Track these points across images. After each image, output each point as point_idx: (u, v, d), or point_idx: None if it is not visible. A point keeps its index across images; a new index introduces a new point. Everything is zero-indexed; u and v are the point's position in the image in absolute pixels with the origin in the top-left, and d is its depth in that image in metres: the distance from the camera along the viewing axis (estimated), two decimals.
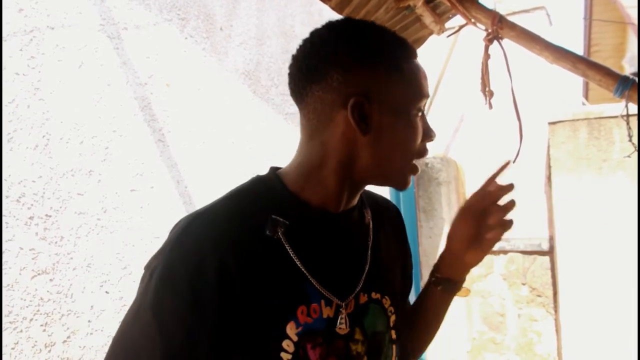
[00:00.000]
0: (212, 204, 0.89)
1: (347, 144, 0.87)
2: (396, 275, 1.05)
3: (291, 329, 0.83)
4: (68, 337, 1.63)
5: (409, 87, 0.89)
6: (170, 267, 0.81)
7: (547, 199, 4.93)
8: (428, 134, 0.94)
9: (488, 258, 5.13)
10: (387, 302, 0.97)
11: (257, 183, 0.93)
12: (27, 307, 1.50)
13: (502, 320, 5.14)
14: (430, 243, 4.87)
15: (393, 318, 0.98)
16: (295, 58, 0.91)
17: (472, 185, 5.44)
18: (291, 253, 0.85)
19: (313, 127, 0.89)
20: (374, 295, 0.95)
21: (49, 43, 1.65)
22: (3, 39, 1.50)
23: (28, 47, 1.58)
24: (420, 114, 0.91)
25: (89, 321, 1.70)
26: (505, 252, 4.98)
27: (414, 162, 0.93)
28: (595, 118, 4.37)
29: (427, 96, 0.91)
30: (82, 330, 1.68)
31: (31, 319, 1.51)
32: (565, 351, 4.45)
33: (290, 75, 0.92)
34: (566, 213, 4.45)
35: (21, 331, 1.48)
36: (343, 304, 0.88)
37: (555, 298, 4.80)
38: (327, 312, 0.87)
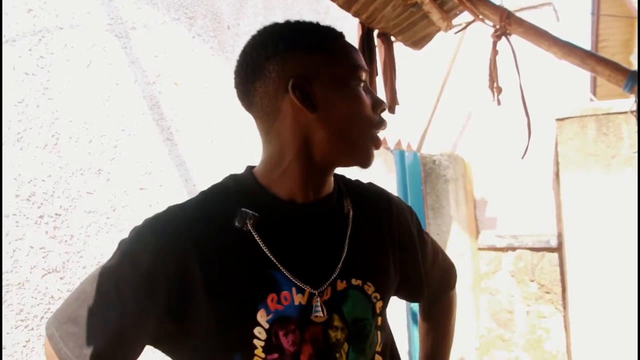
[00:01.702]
0: (188, 199, 0.95)
1: (300, 127, 0.91)
2: (385, 261, 1.05)
3: (262, 316, 0.86)
4: None
5: (342, 61, 0.93)
6: (136, 248, 0.87)
7: (555, 196, 4.91)
8: (377, 104, 0.96)
9: (496, 255, 5.13)
10: (370, 288, 0.98)
11: (230, 180, 0.99)
12: (37, 305, 1.51)
13: (510, 317, 5.13)
14: (438, 240, 4.85)
15: (379, 304, 0.99)
16: (235, 71, 0.97)
17: (479, 182, 5.44)
18: (260, 243, 0.89)
19: (266, 123, 0.94)
20: (355, 282, 0.96)
21: (57, 43, 1.65)
22: (12, 39, 1.51)
23: (37, 47, 1.59)
24: (362, 84, 0.94)
25: None
26: (513, 248, 4.97)
27: (373, 134, 0.95)
28: (604, 114, 4.35)
29: (362, 68, 0.95)
30: None
31: (42, 317, 1.52)
32: (574, 348, 4.44)
33: (236, 86, 0.97)
34: (574, 209, 4.44)
35: (32, 329, 1.49)
36: (317, 292, 0.90)
37: (564, 295, 4.79)
38: (298, 299, 0.89)
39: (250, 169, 0.99)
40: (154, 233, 0.88)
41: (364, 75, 0.94)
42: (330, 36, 0.95)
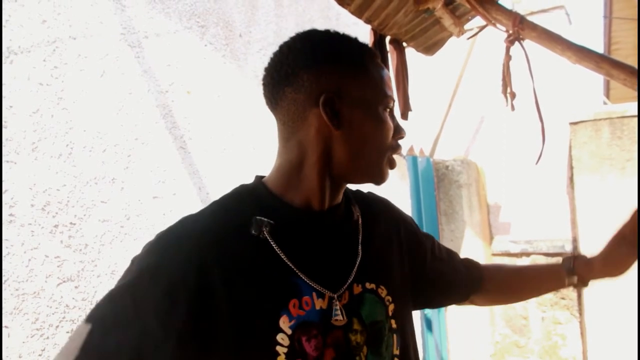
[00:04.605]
0: (200, 210, 0.94)
1: (322, 140, 0.91)
2: (394, 265, 1.07)
3: (284, 323, 0.85)
4: None
5: (375, 85, 0.94)
6: (153, 262, 0.86)
7: (569, 200, 4.87)
8: (398, 131, 0.98)
9: (510, 260, 5.09)
10: (383, 291, 0.99)
11: (242, 189, 0.99)
12: (53, 314, 1.51)
13: (525, 323, 5.09)
14: (452, 246, 4.83)
15: (392, 307, 1.00)
16: (267, 69, 0.97)
17: (493, 188, 5.40)
18: (278, 250, 0.88)
19: (288, 129, 0.94)
20: (369, 286, 0.97)
21: (71, 53, 1.67)
22: (27, 49, 1.53)
23: (51, 57, 1.60)
24: (388, 110, 0.95)
25: None
26: (527, 254, 4.93)
27: (389, 156, 0.98)
28: (618, 117, 4.31)
29: (391, 96, 0.96)
30: None
31: (57, 326, 1.52)
32: (590, 355, 4.39)
33: (264, 85, 0.97)
34: (589, 214, 4.39)
35: (47, 338, 1.49)
36: (336, 296, 0.91)
37: (579, 301, 4.74)
38: (319, 304, 0.89)
39: (259, 178, 0.99)
40: (171, 246, 0.87)
41: (391, 104, 0.96)
42: (368, 56, 0.95)
